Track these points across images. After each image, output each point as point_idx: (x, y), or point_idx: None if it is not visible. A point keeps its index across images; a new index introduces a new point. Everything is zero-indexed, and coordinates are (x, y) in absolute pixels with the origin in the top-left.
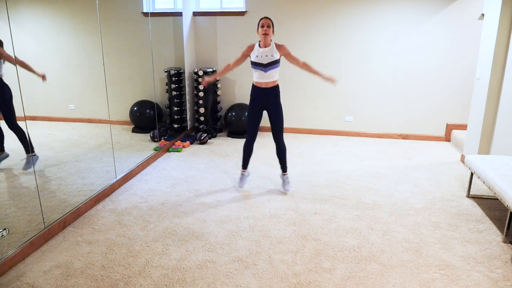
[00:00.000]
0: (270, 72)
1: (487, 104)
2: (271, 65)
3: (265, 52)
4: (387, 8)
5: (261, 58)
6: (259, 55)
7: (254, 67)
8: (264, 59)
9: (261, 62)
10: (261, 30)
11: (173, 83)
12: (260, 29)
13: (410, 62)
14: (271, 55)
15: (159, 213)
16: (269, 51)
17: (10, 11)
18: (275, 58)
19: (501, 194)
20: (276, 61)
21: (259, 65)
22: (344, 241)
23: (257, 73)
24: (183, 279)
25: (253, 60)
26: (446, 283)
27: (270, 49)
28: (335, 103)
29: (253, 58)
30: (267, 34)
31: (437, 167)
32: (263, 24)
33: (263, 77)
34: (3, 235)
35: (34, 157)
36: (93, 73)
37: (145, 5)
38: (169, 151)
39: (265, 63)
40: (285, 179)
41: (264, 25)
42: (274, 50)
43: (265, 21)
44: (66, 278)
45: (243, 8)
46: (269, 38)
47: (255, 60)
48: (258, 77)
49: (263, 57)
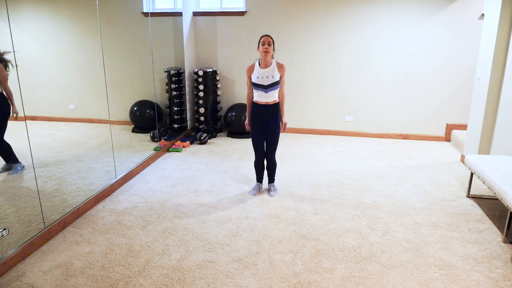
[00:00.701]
0: (271, 92)
1: (487, 104)
2: (272, 86)
3: (265, 73)
4: (387, 8)
5: (261, 80)
6: (259, 76)
7: (254, 88)
8: (264, 81)
9: (261, 83)
10: (262, 48)
11: (173, 83)
12: (260, 46)
13: (410, 62)
14: (271, 76)
15: (159, 213)
16: (270, 72)
17: (10, 11)
18: (276, 80)
19: (501, 194)
20: (276, 82)
21: (259, 86)
22: (344, 241)
23: (258, 93)
24: (183, 279)
25: (254, 82)
26: (446, 283)
27: (271, 70)
28: (335, 103)
29: (253, 79)
30: (268, 52)
31: (437, 167)
32: (263, 42)
33: (264, 97)
34: (3, 235)
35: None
36: (93, 73)
37: (145, 5)
38: (169, 151)
39: (266, 85)
40: (271, 187)
41: (265, 43)
42: (275, 71)
43: (265, 39)
44: (66, 278)
45: (243, 8)
46: (270, 56)
47: (256, 81)
48: (259, 97)
49: (264, 78)
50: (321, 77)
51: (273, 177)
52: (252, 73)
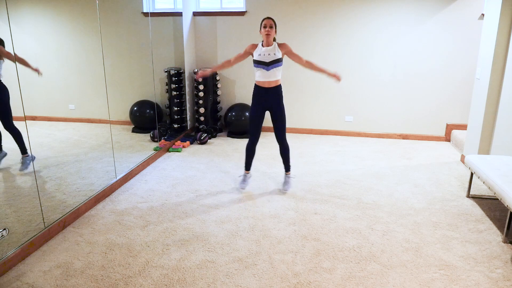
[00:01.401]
0: (273, 70)
1: (487, 104)
2: (274, 63)
3: (267, 50)
4: (387, 8)
5: (263, 57)
6: (261, 54)
7: (256, 66)
8: (266, 57)
9: (263, 60)
10: (264, 30)
11: (173, 83)
12: (262, 29)
13: (410, 62)
14: (273, 53)
15: (159, 213)
16: (272, 50)
17: (10, 11)
18: (278, 57)
19: (501, 194)
20: (278, 59)
21: (261, 63)
22: (344, 241)
23: (259, 72)
24: (183, 279)
25: (256, 59)
26: (446, 283)
27: (272, 48)
28: (335, 103)
29: (255, 57)
30: (269, 35)
31: (437, 167)
32: (265, 25)
33: (266, 76)
34: (3, 235)
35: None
36: (93, 73)
37: (145, 5)
38: (169, 151)
39: (268, 61)
40: (286, 178)
41: (267, 26)
42: (276, 49)
43: (267, 22)
44: (66, 278)
45: (243, 8)
46: (271, 38)
47: (258, 58)
48: (261, 76)
49: (266, 55)
50: (321, 77)
51: (289, 165)
52: (254, 50)
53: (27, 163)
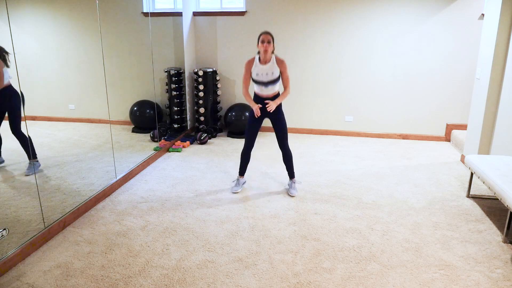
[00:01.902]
0: (271, 87)
1: (487, 104)
2: (272, 82)
3: (265, 69)
4: (387, 8)
5: (261, 76)
6: (259, 73)
7: (254, 82)
8: (264, 77)
9: (261, 80)
10: (261, 45)
11: (173, 83)
12: (260, 44)
13: (410, 62)
14: (271, 72)
15: (159, 213)
16: (270, 69)
17: (10, 11)
18: (275, 76)
19: (501, 194)
20: (276, 79)
21: (259, 82)
22: (344, 241)
23: (258, 87)
24: (183, 279)
25: (254, 78)
26: (446, 283)
27: (270, 66)
28: (335, 103)
29: (253, 76)
30: (267, 51)
31: (437, 167)
32: (263, 40)
33: (263, 90)
34: (3, 235)
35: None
36: (93, 73)
37: (145, 5)
38: (169, 151)
39: (266, 81)
40: (291, 184)
41: (265, 41)
42: (274, 67)
43: (265, 37)
44: (66, 278)
45: (243, 8)
46: (269, 54)
47: (256, 78)
48: (259, 90)
49: (264, 75)
50: (321, 77)
51: (293, 172)
52: (251, 68)
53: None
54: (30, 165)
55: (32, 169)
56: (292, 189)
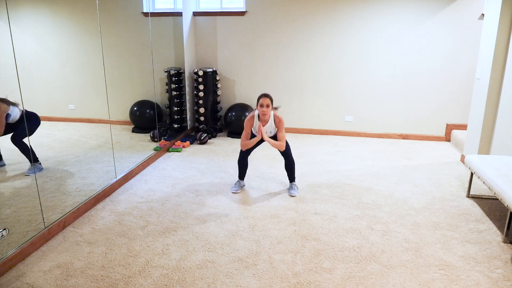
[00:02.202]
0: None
1: (487, 104)
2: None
3: (264, 129)
4: (387, 8)
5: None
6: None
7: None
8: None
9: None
10: (260, 109)
11: (173, 83)
12: (259, 107)
13: (410, 62)
14: (270, 131)
15: (159, 213)
16: (268, 128)
17: (10, 11)
18: (273, 134)
19: (501, 194)
20: (274, 135)
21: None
22: (344, 241)
23: None
24: (183, 279)
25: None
26: (446, 283)
27: (269, 126)
28: (335, 103)
29: (253, 131)
30: (266, 115)
31: (437, 167)
32: (262, 104)
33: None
34: (3, 235)
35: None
36: (93, 73)
37: (145, 5)
38: (169, 151)
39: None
40: (292, 185)
41: (263, 105)
42: (272, 126)
43: (264, 101)
44: (66, 278)
45: (243, 8)
46: (268, 116)
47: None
48: None
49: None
50: (321, 77)
51: (293, 176)
52: (252, 126)
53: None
54: (32, 167)
55: (33, 170)
56: (293, 189)
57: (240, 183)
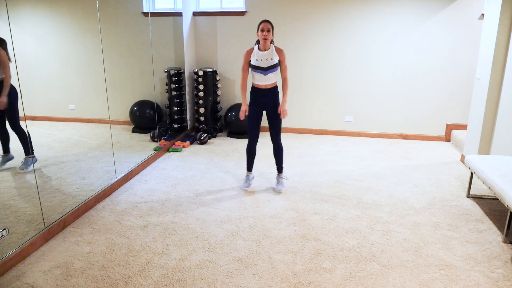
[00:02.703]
0: (270, 75)
1: (487, 104)
2: (271, 68)
3: (264, 55)
4: (387, 8)
5: (260, 62)
6: (258, 59)
7: (254, 70)
8: (263, 63)
9: (260, 65)
10: (261, 34)
11: (173, 83)
12: (260, 33)
13: (410, 62)
14: (270, 58)
15: (159, 213)
16: (269, 55)
17: (10, 11)
18: (275, 62)
19: (501, 194)
20: (275, 64)
21: (258, 68)
22: (344, 241)
23: (257, 75)
24: (183, 279)
25: (253, 64)
26: (446, 283)
27: (269, 53)
28: (335, 103)
29: (253, 62)
30: (267, 39)
31: (437, 167)
32: (263, 28)
33: (262, 79)
34: (3, 235)
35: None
36: (93, 73)
37: (145, 5)
38: (169, 151)
39: (265, 67)
40: (279, 179)
41: (264, 29)
42: (274, 53)
43: (264, 25)
44: (66, 278)
45: (243, 8)
46: (269, 42)
47: (255, 63)
48: (258, 80)
49: (263, 60)
50: (321, 77)
51: (281, 165)
52: (250, 56)
53: (28, 163)
54: (25, 160)
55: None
56: (279, 184)
57: (249, 177)
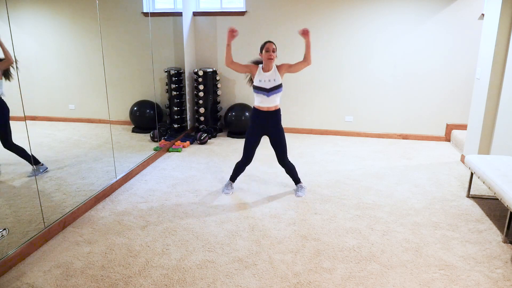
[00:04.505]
0: (273, 97)
1: (487, 104)
2: (274, 89)
3: (268, 76)
4: (387, 8)
5: (264, 83)
6: (262, 80)
7: (256, 92)
8: (267, 84)
9: (264, 86)
10: (266, 54)
11: (173, 83)
12: (265, 53)
13: (410, 62)
14: (273, 79)
15: (159, 213)
16: (272, 76)
17: (10, 11)
18: (278, 83)
19: (501, 194)
20: (279, 85)
21: (261, 89)
22: (344, 241)
23: (259, 98)
24: (183, 279)
25: (256, 85)
26: (446, 283)
27: (272, 73)
28: (335, 103)
29: (256, 83)
30: (272, 59)
31: (437, 167)
32: (268, 49)
33: (265, 101)
34: (3, 235)
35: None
36: (93, 73)
37: (145, 5)
38: (169, 151)
39: (268, 88)
40: (298, 187)
41: (269, 50)
42: (276, 74)
43: (269, 46)
44: (66, 278)
45: (243, 8)
46: (273, 63)
47: (258, 84)
48: (260, 102)
49: (266, 81)
50: (321, 77)
51: (298, 178)
52: (255, 73)
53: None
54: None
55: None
56: (299, 191)
57: (231, 185)
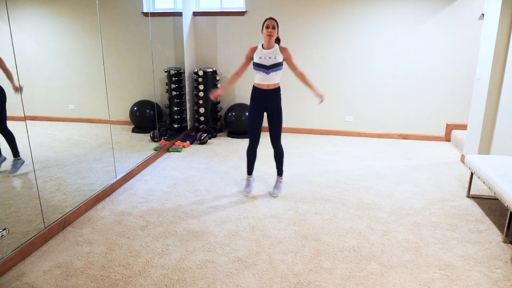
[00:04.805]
0: (272, 74)
1: (487, 104)
2: (274, 67)
3: (268, 53)
4: (387, 8)
5: (264, 60)
6: (262, 57)
7: (256, 69)
8: (267, 61)
9: (263, 63)
10: (266, 31)
11: (173, 83)
12: (264, 30)
13: (410, 62)
14: (274, 57)
15: (159, 213)
16: (272, 53)
17: (10, 11)
18: (278, 61)
19: (501, 194)
20: (279, 63)
21: (261, 66)
22: (344, 241)
23: (259, 75)
24: (183, 279)
25: (256, 62)
26: (446, 283)
27: (273, 51)
28: (335, 103)
29: (256, 59)
30: (272, 36)
31: (437, 167)
32: (268, 25)
33: (265, 79)
34: (3, 235)
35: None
36: (93, 73)
37: (145, 5)
38: (169, 151)
39: (268, 65)
40: (277, 183)
41: (269, 26)
42: (277, 52)
43: (270, 22)
44: (66, 278)
45: (243, 8)
46: (273, 40)
47: (258, 61)
48: (260, 79)
49: (266, 58)
50: (321, 77)
51: (281, 169)
52: (254, 54)
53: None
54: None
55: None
56: (276, 188)
57: (249, 181)
